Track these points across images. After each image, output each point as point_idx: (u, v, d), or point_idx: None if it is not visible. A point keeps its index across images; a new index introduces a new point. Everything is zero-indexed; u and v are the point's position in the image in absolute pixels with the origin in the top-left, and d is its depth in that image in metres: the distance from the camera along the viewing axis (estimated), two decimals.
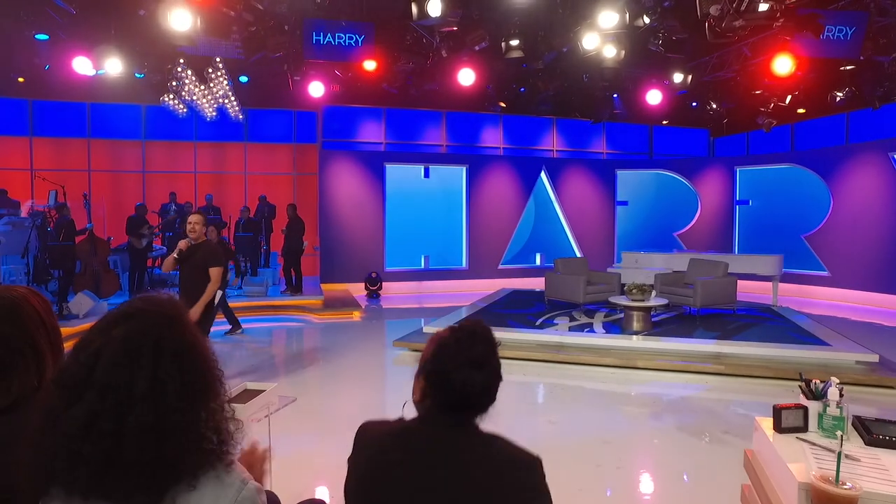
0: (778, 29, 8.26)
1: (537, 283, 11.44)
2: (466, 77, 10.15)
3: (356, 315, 10.12)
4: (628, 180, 14.55)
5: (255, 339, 8.46)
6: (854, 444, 1.87)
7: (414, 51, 9.79)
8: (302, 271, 11.07)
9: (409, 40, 9.57)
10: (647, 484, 4.11)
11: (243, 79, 11.51)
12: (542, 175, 13.96)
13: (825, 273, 11.90)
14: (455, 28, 8.26)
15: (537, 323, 8.15)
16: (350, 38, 8.40)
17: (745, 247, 13.29)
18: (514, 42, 8.98)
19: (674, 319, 8.46)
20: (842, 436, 1.61)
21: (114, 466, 0.89)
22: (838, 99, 10.86)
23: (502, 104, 12.95)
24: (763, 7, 3.96)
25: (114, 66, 8.61)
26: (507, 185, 13.69)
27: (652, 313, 7.90)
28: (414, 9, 7.72)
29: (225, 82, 10.32)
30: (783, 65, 9.06)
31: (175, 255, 5.10)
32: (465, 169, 13.40)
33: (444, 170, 13.49)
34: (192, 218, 5.25)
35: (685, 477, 4.09)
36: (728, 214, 13.63)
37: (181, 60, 9.63)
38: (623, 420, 5.19)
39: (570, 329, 7.81)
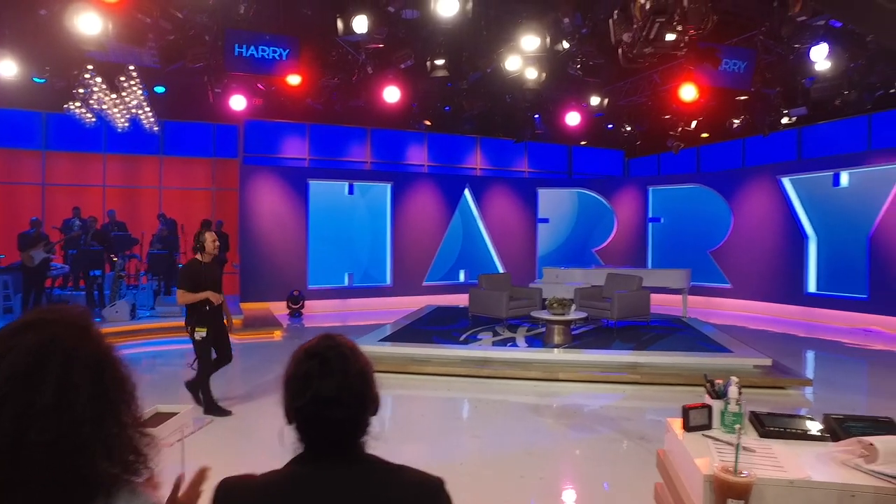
0: (682, 59, 8.89)
1: (462, 300, 11.57)
2: (392, 95, 10.22)
3: (277, 334, 9.83)
4: (549, 198, 15.05)
5: (169, 360, 8.03)
6: (750, 437, 2.03)
7: (339, 67, 9.76)
8: None
9: (335, 56, 9.53)
10: (569, 492, 4.22)
11: (159, 89, 11.01)
12: (466, 193, 14.20)
13: (728, 285, 12.79)
14: (381, 45, 8.31)
15: (461, 339, 8.23)
16: (274, 52, 8.26)
17: (657, 262, 14.06)
18: (440, 61, 9.13)
19: (593, 332, 8.78)
20: (740, 429, 1.74)
21: (12, 489, 0.80)
22: (735, 125, 11.77)
23: (427, 122, 13.10)
24: (670, 37, 4.31)
25: (7, 68, 8.02)
26: (432, 203, 13.81)
27: (572, 326, 8.17)
28: (339, 24, 7.71)
29: (139, 91, 9.84)
30: (688, 92, 9.76)
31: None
32: (389, 186, 13.42)
33: (368, 187, 13.45)
34: (212, 236, 5.38)
35: (605, 483, 4.23)
36: (642, 231, 14.39)
37: (89, 67, 9.10)
38: (546, 431, 5.31)
39: (494, 344, 7.93)
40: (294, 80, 9.22)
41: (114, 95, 9.86)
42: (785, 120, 11.28)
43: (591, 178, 15.96)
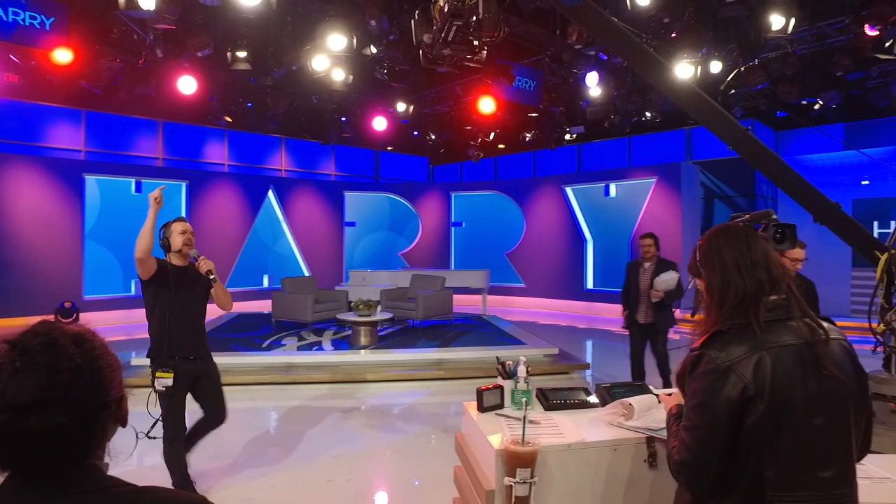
0: (481, 73, 9.54)
1: (265, 306, 11.03)
2: (187, 85, 9.40)
3: None
4: (356, 202, 15.06)
5: None
6: (537, 411, 2.20)
7: (122, 47, 8.65)
8: None
9: (116, 34, 8.43)
10: (378, 491, 4.21)
11: None
12: (270, 194, 13.59)
13: (522, 285, 14.00)
14: (173, 27, 7.56)
15: (264, 345, 7.82)
16: (33, 18, 7.01)
17: (459, 264, 14.88)
18: (242, 54, 8.60)
19: (399, 332, 8.96)
20: (525, 403, 1.88)
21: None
22: (527, 139, 12.97)
23: (228, 119, 12.28)
24: (467, 42, 4.64)
25: None
26: (233, 204, 12.96)
27: (379, 328, 8.24)
28: None
29: None
30: (486, 105, 10.50)
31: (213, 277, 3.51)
32: (184, 185, 12.29)
33: (159, 184, 12.16)
34: (182, 226, 3.65)
35: (416, 480, 4.30)
36: (445, 234, 15.11)
37: None
38: (354, 434, 5.25)
39: (299, 349, 7.68)
40: (63, 56, 7.96)
41: None
42: (567, 136, 12.75)
43: (398, 183, 16.36)
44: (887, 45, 7.68)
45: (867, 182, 11.79)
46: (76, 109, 11.78)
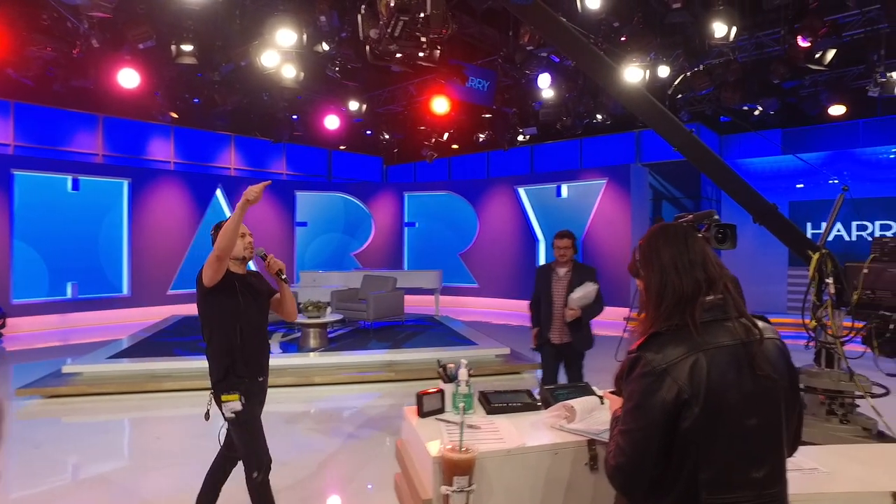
0: (434, 73, 9.50)
1: None
2: (129, 78, 8.99)
3: None
4: (308, 202, 14.78)
5: None
6: (479, 415, 2.15)
7: (54, 35, 8.20)
8: None
9: (47, 20, 7.98)
10: (327, 497, 4.10)
11: None
12: (218, 193, 13.18)
13: (475, 285, 14.03)
14: (109, 16, 7.19)
15: None
16: None
17: (413, 264, 14.80)
18: (187, 47, 8.28)
19: (350, 334, 8.82)
20: (463, 407, 1.83)
21: None
22: (481, 139, 13.01)
23: (174, 114, 11.83)
24: (414, 38, 4.58)
25: None
26: (179, 203, 12.51)
27: (329, 329, 8.09)
28: None
29: None
30: (440, 105, 10.47)
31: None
32: (127, 183, 11.80)
33: (99, 182, 11.63)
34: (247, 229, 3.03)
35: (369, 485, 4.20)
36: (398, 235, 15.00)
37: None
38: (302, 439, 5.11)
39: None
40: None
41: None
42: (521, 137, 12.84)
43: (351, 183, 16.15)
44: (817, 56, 8.05)
45: (802, 186, 12.34)
46: (3, 101, 11.14)
